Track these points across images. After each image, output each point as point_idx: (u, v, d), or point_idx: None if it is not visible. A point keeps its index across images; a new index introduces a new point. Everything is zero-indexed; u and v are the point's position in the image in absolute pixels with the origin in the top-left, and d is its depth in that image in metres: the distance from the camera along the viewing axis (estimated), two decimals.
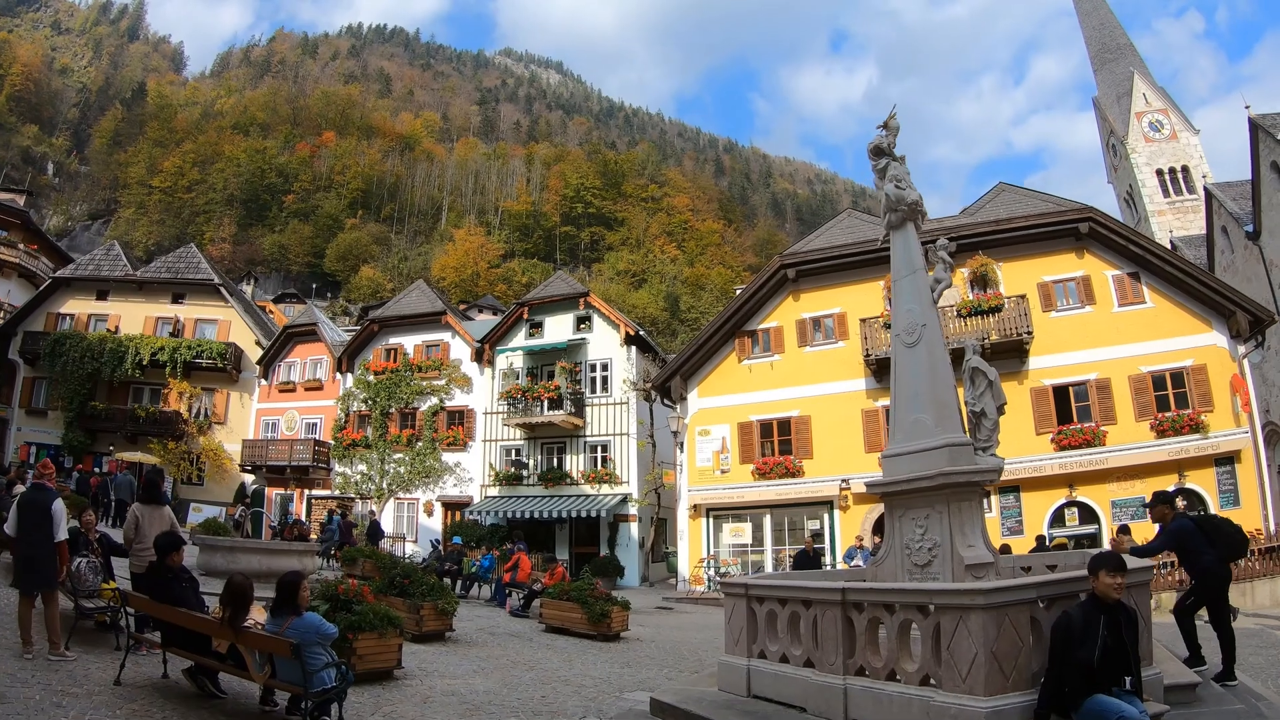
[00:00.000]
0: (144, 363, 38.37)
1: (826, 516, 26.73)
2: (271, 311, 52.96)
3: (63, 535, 9.00)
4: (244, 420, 39.39)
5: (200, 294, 41.36)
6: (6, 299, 42.65)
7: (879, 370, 26.01)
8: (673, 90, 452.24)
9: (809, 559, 19.40)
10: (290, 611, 6.85)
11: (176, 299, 41.29)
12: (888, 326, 25.57)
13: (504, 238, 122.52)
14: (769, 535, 27.65)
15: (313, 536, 26.33)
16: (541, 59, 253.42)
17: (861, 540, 24.10)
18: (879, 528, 25.29)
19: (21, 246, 44.58)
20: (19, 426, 39.23)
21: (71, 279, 41.58)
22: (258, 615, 7.32)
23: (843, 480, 26.21)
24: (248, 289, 50.92)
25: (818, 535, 25.72)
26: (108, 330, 39.87)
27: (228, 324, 40.73)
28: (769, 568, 26.96)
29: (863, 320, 26.66)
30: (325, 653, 6.83)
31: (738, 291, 33.72)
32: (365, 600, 9.84)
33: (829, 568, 25.44)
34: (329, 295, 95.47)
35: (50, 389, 39.08)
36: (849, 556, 22.65)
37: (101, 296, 41.44)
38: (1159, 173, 57.78)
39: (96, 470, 33.81)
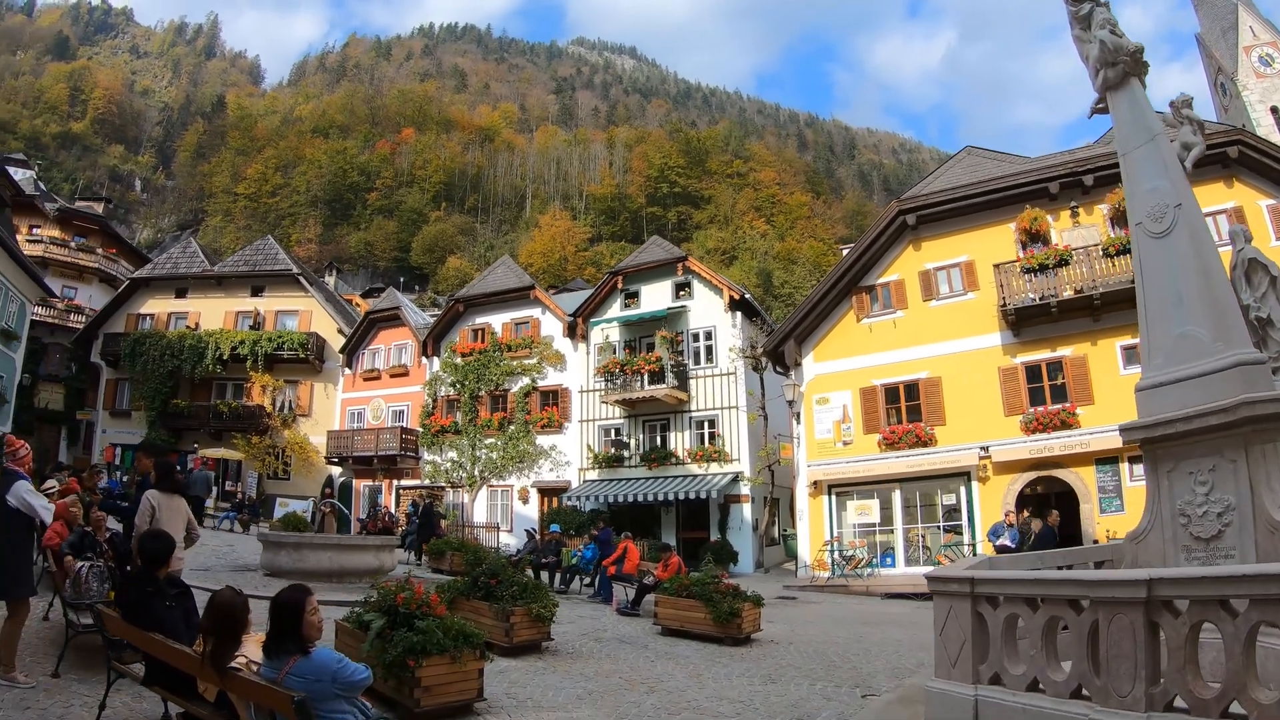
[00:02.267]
0: (224, 357, 37.58)
1: (963, 489, 23.34)
2: (359, 305, 51.66)
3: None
4: (329, 411, 38.06)
5: (279, 285, 40.29)
6: (88, 304, 42.89)
7: (1018, 322, 22.68)
8: (750, 68, 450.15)
9: (1053, 537, 16.10)
10: (293, 648, 4.29)
11: (256, 292, 40.38)
12: (1027, 271, 22.54)
13: (590, 222, 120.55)
14: (899, 513, 24.39)
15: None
16: (615, 45, 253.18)
17: (1010, 516, 20.96)
18: (1023, 502, 22.22)
19: (100, 251, 45.13)
20: (104, 428, 39.39)
21: (150, 279, 41.33)
22: (253, 650, 4.72)
23: (981, 448, 22.87)
24: (330, 280, 49.60)
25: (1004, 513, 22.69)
26: (187, 327, 39.15)
27: (309, 314, 39.50)
28: (900, 549, 23.92)
29: (996, 266, 23.11)
30: (350, 709, 4.24)
31: (844, 252, 30.63)
32: (433, 613, 7.30)
33: (962, 544, 22.54)
34: (417, 288, 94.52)
35: (132, 389, 38.92)
36: (994, 534, 19.89)
37: (180, 294, 40.98)
38: (1274, 110, 53.10)
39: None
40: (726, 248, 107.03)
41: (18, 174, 41.56)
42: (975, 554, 21.63)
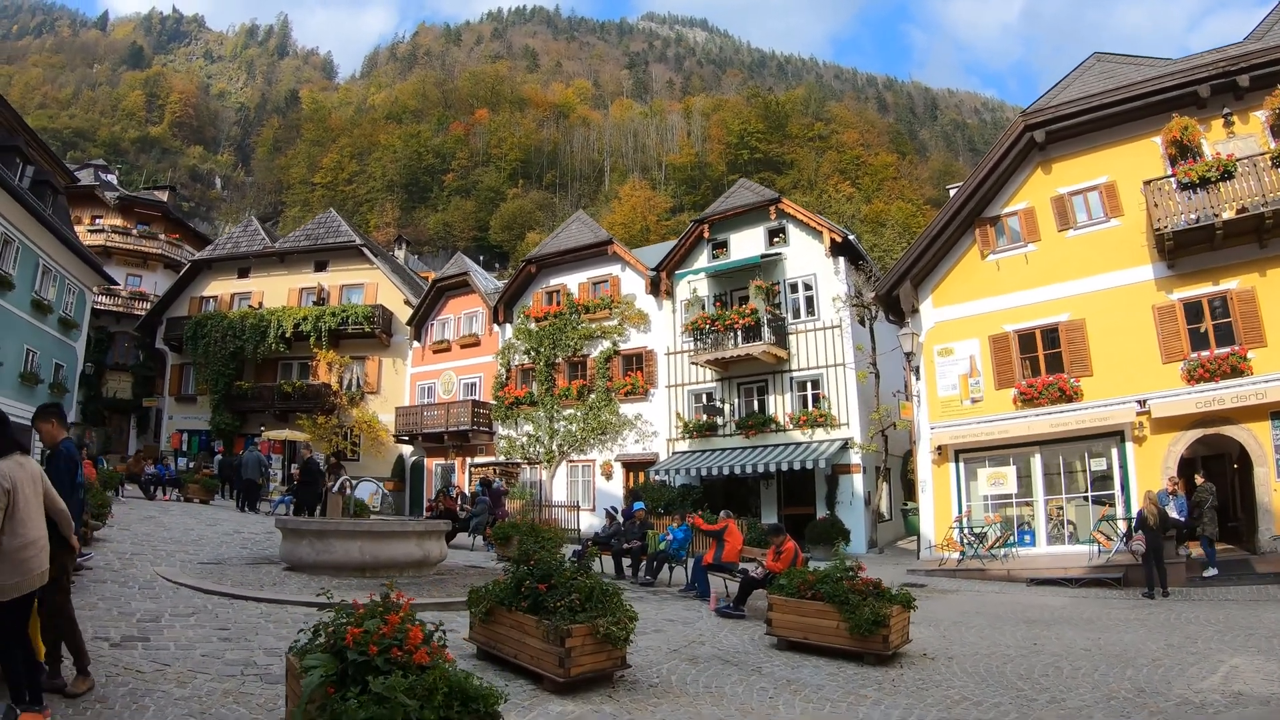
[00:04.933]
0: (287, 335, 35.83)
1: (1115, 452, 19.32)
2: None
3: None
4: (398, 387, 35.78)
5: (343, 258, 38.24)
6: (153, 290, 42.05)
7: (1175, 250, 18.65)
8: (825, 33, 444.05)
9: None
10: None
11: (319, 267, 38.53)
12: (1183, 188, 18.64)
13: (671, 192, 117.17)
14: (1039, 481, 20.46)
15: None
16: (685, 19, 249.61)
17: (1175, 484, 17.27)
18: (1186, 466, 18.47)
19: (163, 237, 44.44)
20: (170, 415, 38.53)
21: (212, 260, 40.07)
22: None
23: (1138, 401, 18.92)
24: (399, 254, 47.34)
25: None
26: (249, 307, 37.51)
27: (374, 286, 37.28)
28: (1041, 525, 20.11)
29: (1147, 183, 19.02)
30: None
31: (952, 193, 26.79)
32: (411, 660, 4.18)
33: (1116, 519, 18.86)
34: (497, 266, 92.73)
35: (196, 374, 37.68)
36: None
37: (243, 274, 39.58)
38: None
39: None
40: (812, 212, 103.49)
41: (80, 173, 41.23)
42: (1132, 529, 17.98)
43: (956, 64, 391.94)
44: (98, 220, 41.99)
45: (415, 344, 35.65)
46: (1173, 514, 16.10)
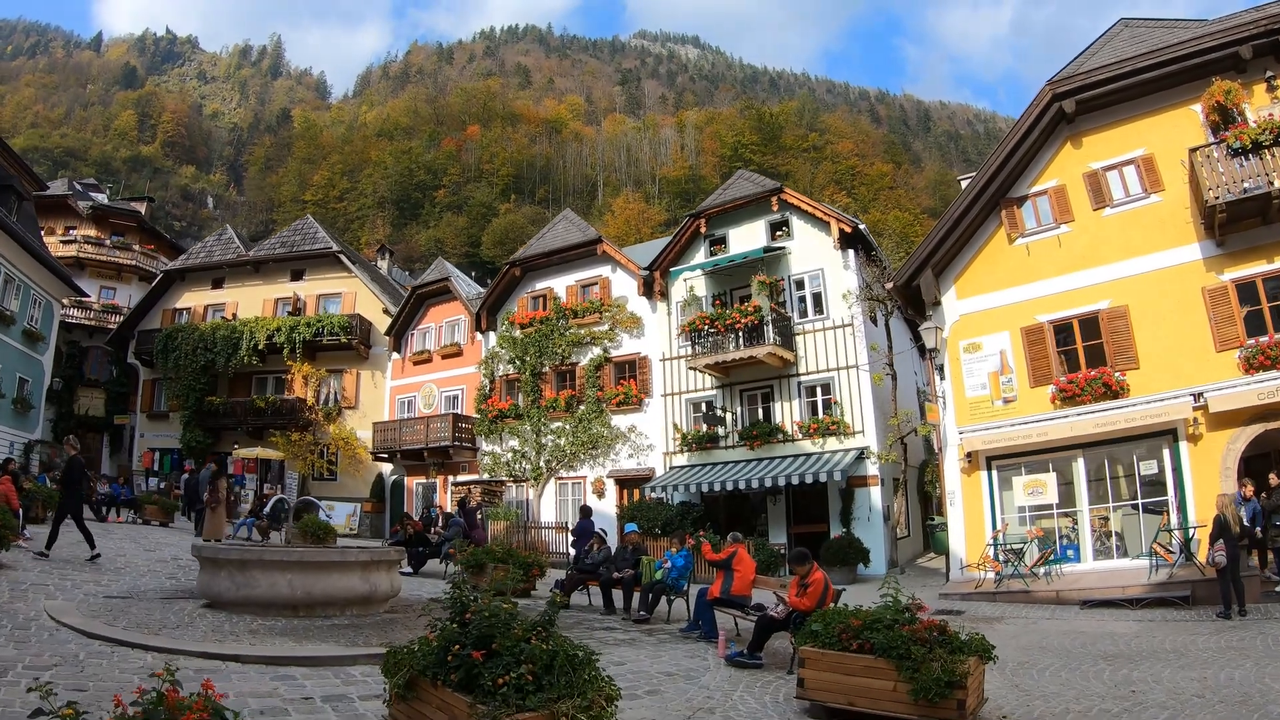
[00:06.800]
0: (260, 348, 33.74)
1: (1167, 453, 17.08)
2: None
3: None
4: (377, 402, 33.67)
5: (320, 267, 36.29)
6: (127, 304, 40.03)
7: (1226, 225, 16.56)
8: (817, 47, 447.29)
9: None
10: None
11: (295, 276, 36.56)
12: (1235, 154, 16.65)
13: (665, 205, 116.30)
14: (1083, 489, 18.21)
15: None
16: (677, 36, 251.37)
17: (1247, 488, 15.06)
18: (1248, 468, 16.33)
19: (137, 248, 42.54)
20: (142, 433, 36.61)
21: (184, 270, 38.16)
22: None
23: (1193, 394, 16.72)
24: (383, 264, 45.15)
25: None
26: (223, 319, 35.65)
27: (352, 295, 35.35)
28: (1086, 538, 17.86)
29: (1193, 151, 16.97)
30: None
31: (964, 183, 24.74)
32: None
33: (1175, 530, 16.75)
34: (489, 282, 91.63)
35: (167, 389, 35.74)
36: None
37: (217, 285, 37.70)
38: None
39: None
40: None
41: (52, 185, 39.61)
42: (1191, 539, 15.78)
43: (949, 76, 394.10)
44: (71, 231, 40.30)
45: (395, 355, 33.59)
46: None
